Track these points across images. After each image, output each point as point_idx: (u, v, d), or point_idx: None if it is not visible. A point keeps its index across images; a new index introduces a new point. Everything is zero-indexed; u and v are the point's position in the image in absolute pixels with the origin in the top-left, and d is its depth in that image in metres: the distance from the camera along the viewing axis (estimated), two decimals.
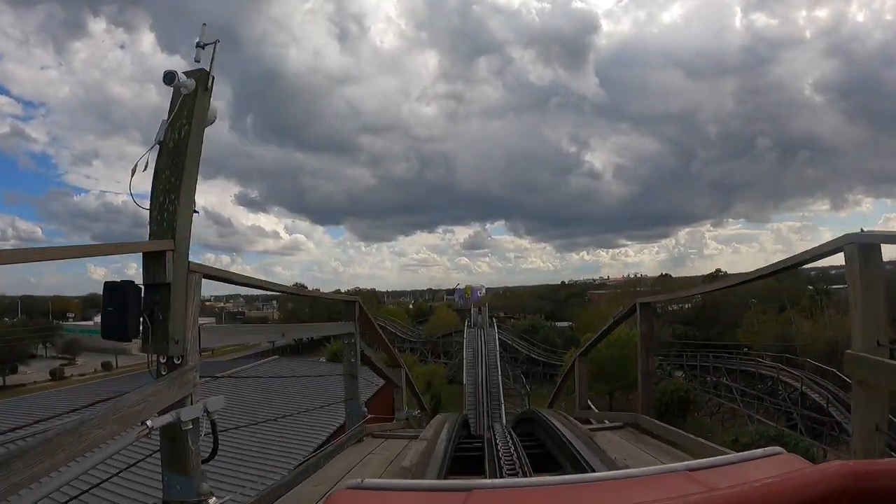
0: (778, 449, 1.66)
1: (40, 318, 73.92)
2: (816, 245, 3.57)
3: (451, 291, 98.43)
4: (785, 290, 61.64)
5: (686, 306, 73.70)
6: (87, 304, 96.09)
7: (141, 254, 2.70)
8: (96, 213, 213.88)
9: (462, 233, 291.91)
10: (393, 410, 8.22)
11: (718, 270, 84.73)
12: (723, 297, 62.86)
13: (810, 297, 51.78)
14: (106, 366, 56.81)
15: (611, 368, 38.66)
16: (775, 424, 30.58)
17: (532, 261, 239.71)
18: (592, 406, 7.75)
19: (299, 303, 78.79)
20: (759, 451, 1.66)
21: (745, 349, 44.48)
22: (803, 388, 29.68)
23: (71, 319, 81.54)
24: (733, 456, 1.75)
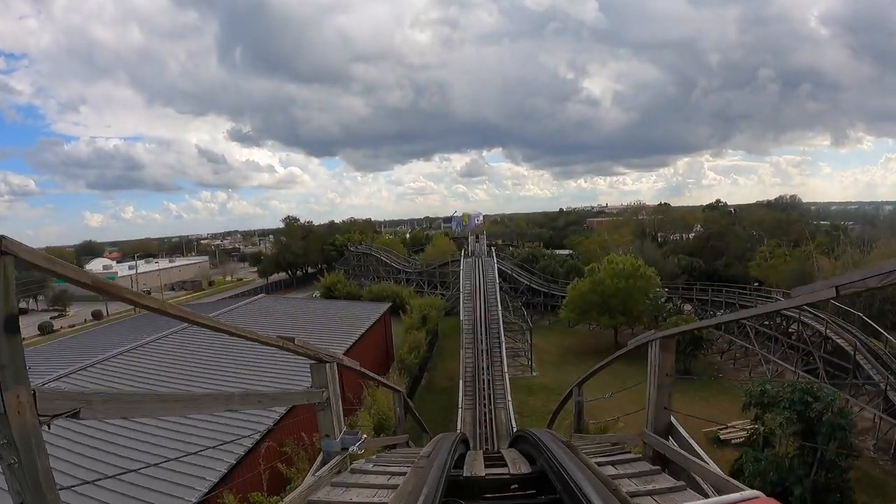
0: (757, 493, 1.67)
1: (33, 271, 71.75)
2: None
3: (448, 219, 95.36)
4: (793, 224, 58.75)
5: (689, 236, 70.91)
6: (81, 252, 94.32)
7: None
8: (88, 160, 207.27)
9: (459, 160, 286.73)
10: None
11: (718, 201, 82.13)
12: (729, 227, 60.07)
13: (826, 232, 48.47)
14: (96, 314, 55.52)
15: (614, 301, 36.31)
16: (793, 368, 28.32)
17: (529, 188, 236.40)
18: (681, 428, 4.27)
19: (292, 236, 76.13)
20: (737, 495, 1.65)
21: (756, 283, 41.78)
22: (828, 331, 27.05)
23: None
24: (712, 501, 1.70)
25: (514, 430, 19.23)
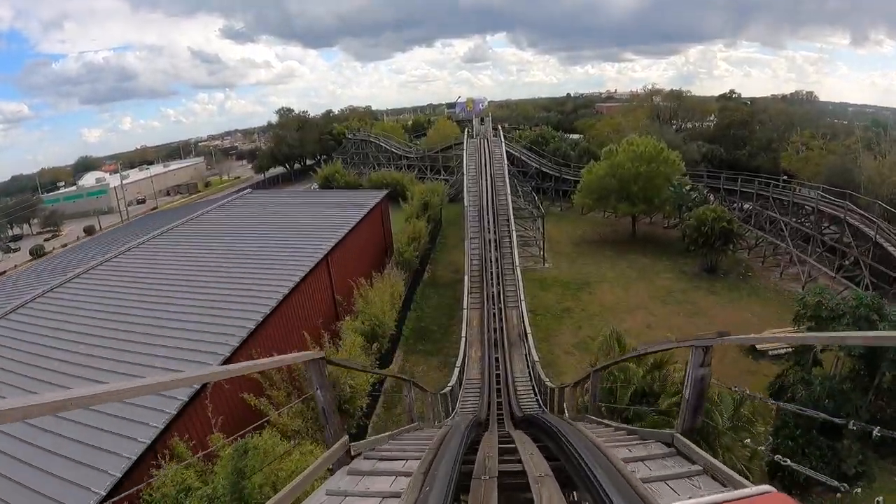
0: (767, 488, 1.54)
1: (31, 194, 67.78)
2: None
3: (451, 105, 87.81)
4: (822, 118, 52.40)
5: (705, 124, 64.29)
6: (79, 168, 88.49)
7: None
8: (79, 76, 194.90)
9: (462, 46, 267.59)
10: None
11: (732, 91, 74.48)
12: (752, 115, 53.76)
13: (865, 128, 42.21)
14: (88, 230, 51.95)
15: (634, 187, 31.72)
16: (832, 272, 24.52)
17: (535, 74, 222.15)
18: None
19: (287, 128, 70.00)
20: (749, 490, 1.56)
21: (784, 177, 36.70)
22: (877, 236, 22.84)
23: (62, 187, 74.88)
24: (721, 496, 1.57)
25: (540, 376, 15.47)
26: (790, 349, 19.11)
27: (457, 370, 14.02)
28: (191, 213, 22.94)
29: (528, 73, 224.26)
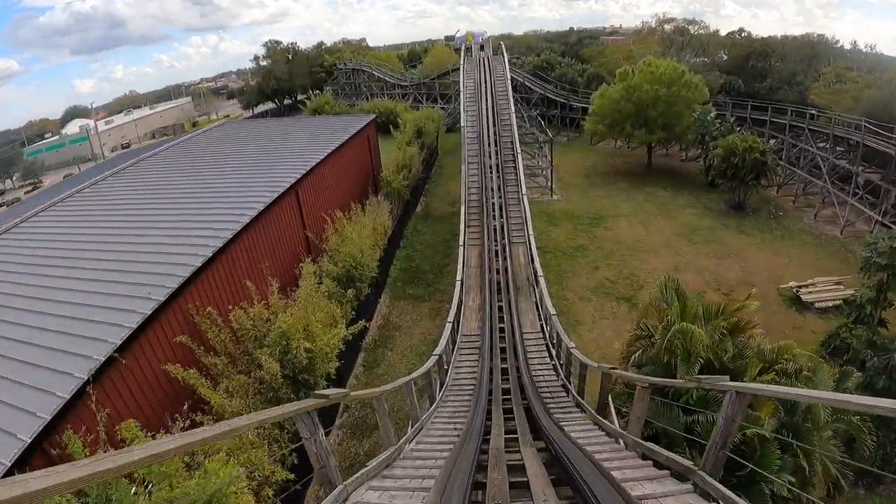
0: None
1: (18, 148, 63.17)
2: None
3: (450, 37, 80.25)
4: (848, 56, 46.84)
5: (720, 55, 58.35)
6: (66, 119, 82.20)
7: None
8: (67, 27, 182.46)
9: None
10: None
11: (742, 29, 67.60)
12: (769, 47, 47.93)
13: None
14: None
15: (653, 112, 27.37)
16: (877, 216, 20.69)
17: (536, 9, 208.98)
18: None
19: (275, 61, 63.54)
20: None
21: (813, 110, 32.07)
22: None
23: (49, 138, 69.99)
24: None
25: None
26: (840, 302, 15.81)
27: (449, 326, 10.15)
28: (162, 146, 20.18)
29: (529, 7, 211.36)
